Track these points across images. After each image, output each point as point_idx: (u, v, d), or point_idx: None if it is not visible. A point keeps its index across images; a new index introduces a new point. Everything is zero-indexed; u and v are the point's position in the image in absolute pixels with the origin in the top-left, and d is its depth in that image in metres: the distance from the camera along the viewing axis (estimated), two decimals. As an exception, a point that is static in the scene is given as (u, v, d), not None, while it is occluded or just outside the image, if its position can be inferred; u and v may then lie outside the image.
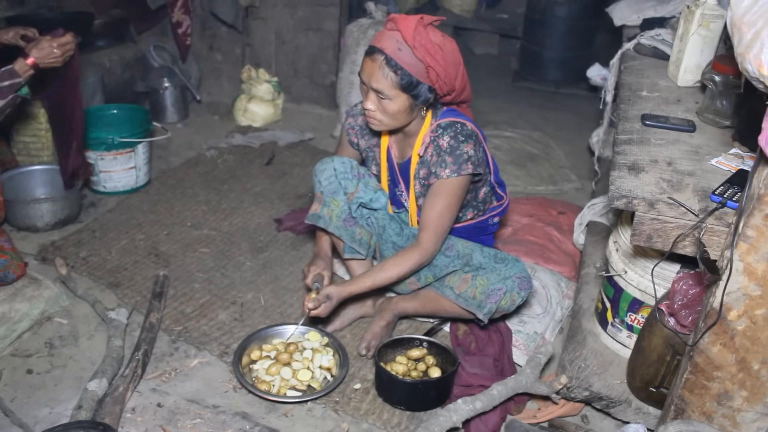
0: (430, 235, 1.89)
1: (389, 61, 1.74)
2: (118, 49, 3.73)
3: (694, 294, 1.55)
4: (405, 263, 1.91)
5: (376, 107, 1.81)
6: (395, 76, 1.74)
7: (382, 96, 1.78)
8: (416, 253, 1.90)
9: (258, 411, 1.85)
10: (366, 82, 1.79)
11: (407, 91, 1.77)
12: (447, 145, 1.85)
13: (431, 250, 1.91)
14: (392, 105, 1.79)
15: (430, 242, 1.90)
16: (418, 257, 1.90)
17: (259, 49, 4.04)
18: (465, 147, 1.84)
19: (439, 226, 1.89)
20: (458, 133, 1.85)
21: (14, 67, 2.09)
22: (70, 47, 2.20)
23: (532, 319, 2.19)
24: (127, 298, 2.26)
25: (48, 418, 1.77)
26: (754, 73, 1.16)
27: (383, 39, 1.76)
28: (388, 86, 1.76)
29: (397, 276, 1.93)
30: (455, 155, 1.83)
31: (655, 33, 2.36)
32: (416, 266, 1.92)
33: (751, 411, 1.38)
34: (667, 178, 1.46)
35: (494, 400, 1.77)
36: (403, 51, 1.73)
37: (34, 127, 2.95)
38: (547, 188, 3.29)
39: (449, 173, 1.84)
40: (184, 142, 3.54)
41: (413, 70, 1.74)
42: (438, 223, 1.88)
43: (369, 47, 1.79)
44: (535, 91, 4.81)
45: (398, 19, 1.75)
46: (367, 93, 1.82)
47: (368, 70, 1.78)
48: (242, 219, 2.82)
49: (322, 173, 2.05)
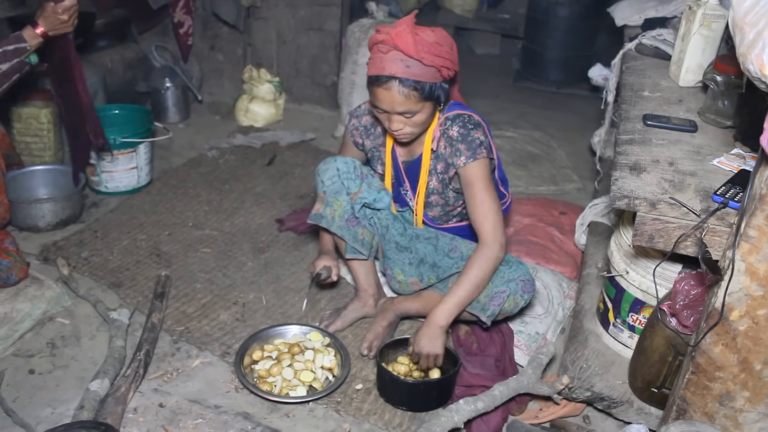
0: (486, 226, 1.83)
1: (405, 83, 1.72)
2: (119, 49, 3.74)
3: (695, 294, 1.55)
4: (482, 266, 1.83)
5: (404, 124, 1.81)
6: (416, 92, 1.73)
7: (409, 114, 1.78)
8: (484, 253, 1.83)
9: (260, 411, 1.85)
10: (389, 110, 1.77)
11: (430, 98, 1.77)
12: (457, 134, 1.86)
13: (497, 240, 1.83)
14: (420, 116, 1.80)
15: (490, 234, 1.83)
16: (488, 252, 1.83)
17: (261, 49, 4.04)
18: (475, 133, 1.85)
19: (489, 212, 1.83)
20: (466, 123, 1.87)
21: (22, 33, 2.07)
22: (74, 9, 2.16)
23: (533, 319, 2.18)
24: (129, 298, 2.27)
25: (50, 419, 1.78)
26: (755, 73, 1.16)
27: (386, 64, 1.72)
28: (413, 104, 1.75)
29: (482, 282, 1.84)
30: (467, 142, 1.84)
31: (656, 33, 2.36)
32: (493, 261, 1.83)
33: (753, 411, 1.38)
34: (668, 178, 1.46)
35: (496, 401, 1.77)
36: (412, 66, 1.71)
37: (36, 127, 2.95)
38: (549, 188, 3.28)
39: (465, 159, 1.84)
40: (186, 143, 3.54)
41: (427, 77, 1.73)
42: (486, 209, 1.83)
43: (375, 78, 1.75)
44: (536, 91, 4.80)
45: (390, 38, 1.71)
46: (391, 117, 1.80)
47: (386, 99, 1.75)
48: (244, 219, 2.82)
49: (325, 173, 2.05)
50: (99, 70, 3.37)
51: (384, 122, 1.84)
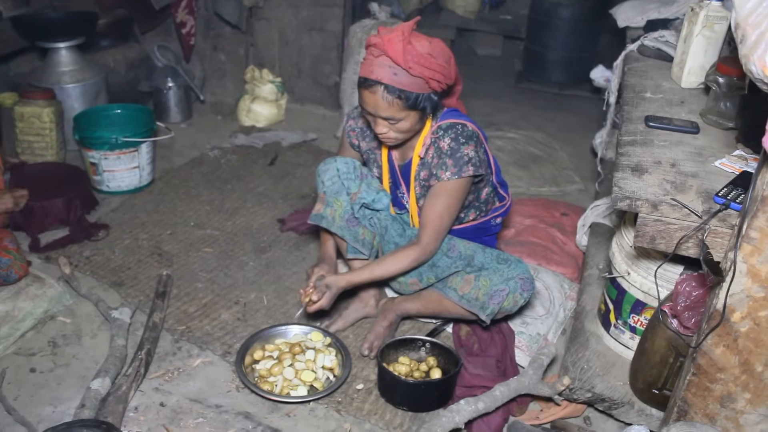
0: (430, 233, 1.90)
1: (390, 90, 1.72)
2: (122, 49, 3.75)
3: (697, 296, 1.55)
4: (404, 260, 1.92)
5: (388, 129, 1.81)
6: (400, 100, 1.73)
7: (393, 121, 1.78)
8: (415, 251, 1.91)
9: (260, 411, 1.85)
10: (372, 112, 1.78)
11: (414, 107, 1.77)
12: (447, 147, 1.85)
13: (430, 249, 1.92)
14: (404, 124, 1.80)
15: (429, 240, 1.91)
16: (416, 254, 1.91)
17: (263, 49, 4.04)
18: (465, 149, 1.84)
19: (439, 226, 1.90)
20: (459, 135, 1.85)
21: None
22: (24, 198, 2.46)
23: (534, 320, 2.18)
24: (131, 297, 2.27)
25: (51, 417, 1.78)
26: (758, 74, 1.16)
27: (375, 68, 1.72)
28: (396, 111, 1.75)
29: (395, 271, 1.94)
30: (455, 158, 1.83)
31: (658, 34, 2.36)
32: (415, 263, 1.93)
33: (754, 413, 1.38)
34: (670, 179, 1.46)
35: (497, 401, 1.76)
36: (399, 75, 1.71)
37: (38, 126, 2.96)
38: (550, 189, 3.28)
39: (450, 175, 1.84)
40: (188, 142, 3.55)
41: (414, 87, 1.73)
42: (438, 222, 1.89)
43: (362, 79, 1.76)
44: (538, 92, 4.80)
45: (381, 43, 1.71)
46: (375, 120, 1.81)
47: (371, 101, 1.76)
48: (245, 219, 2.82)
49: (325, 173, 2.05)
50: (101, 70, 3.38)
51: (371, 124, 1.85)
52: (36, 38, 3.19)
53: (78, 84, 3.21)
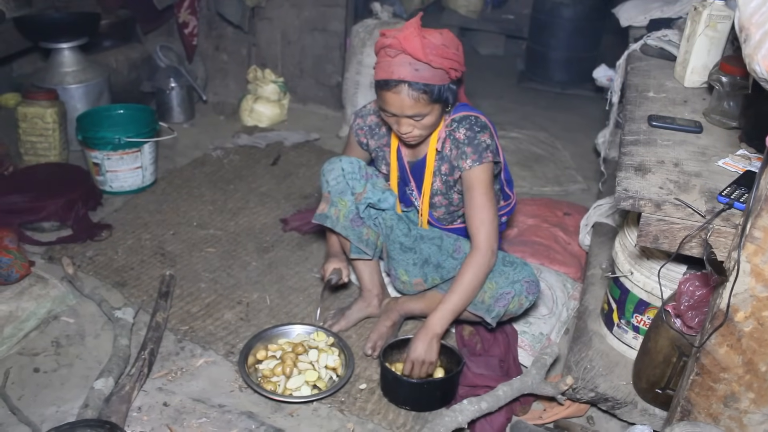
0: (482, 232, 1.84)
1: (414, 86, 1.72)
2: (124, 50, 3.75)
3: (700, 295, 1.54)
4: (476, 272, 1.84)
5: (413, 127, 1.81)
6: (425, 95, 1.74)
7: (419, 117, 1.78)
8: (475, 258, 1.84)
9: (264, 410, 1.85)
10: (397, 113, 1.77)
11: (439, 100, 1.77)
12: (464, 136, 1.86)
13: (490, 247, 1.85)
14: (429, 118, 1.80)
15: (484, 240, 1.84)
16: (482, 259, 1.84)
17: (265, 49, 4.05)
18: (482, 136, 1.85)
19: (486, 219, 1.85)
20: (473, 125, 1.87)
21: None
22: None
23: (537, 320, 2.18)
24: (134, 297, 2.27)
25: (55, 417, 1.78)
26: (762, 74, 1.16)
27: (394, 68, 1.72)
28: (422, 107, 1.76)
29: (476, 288, 1.86)
30: (474, 145, 1.84)
31: (661, 34, 2.35)
32: (486, 267, 1.85)
33: (758, 413, 1.37)
34: (673, 179, 1.46)
35: (500, 401, 1.76)
36: (420, 70, 1.71)
37: (42, 127, 2.96)
38: (553, 189, 3.28)
39: (471, 163, 1.84)
40: (190, 142, 3.55)
41: (436, 80, 1.73)
42: (484, 216, 1.84)
43: (383, 82, 1.74)
44: (540, 92, 4.80)
45: (396, 42, 1.70)
46: (399, 120, 1.80)
47: (395, 102, 1.75)
48: (248, 219, 2.83)
49: (330, 173, 2.05)
50: (104, 70, 3.38)
51: (393, 125, 1.84)
52: (39, 39, 3.20)
53: (81, 84, 3.21)
